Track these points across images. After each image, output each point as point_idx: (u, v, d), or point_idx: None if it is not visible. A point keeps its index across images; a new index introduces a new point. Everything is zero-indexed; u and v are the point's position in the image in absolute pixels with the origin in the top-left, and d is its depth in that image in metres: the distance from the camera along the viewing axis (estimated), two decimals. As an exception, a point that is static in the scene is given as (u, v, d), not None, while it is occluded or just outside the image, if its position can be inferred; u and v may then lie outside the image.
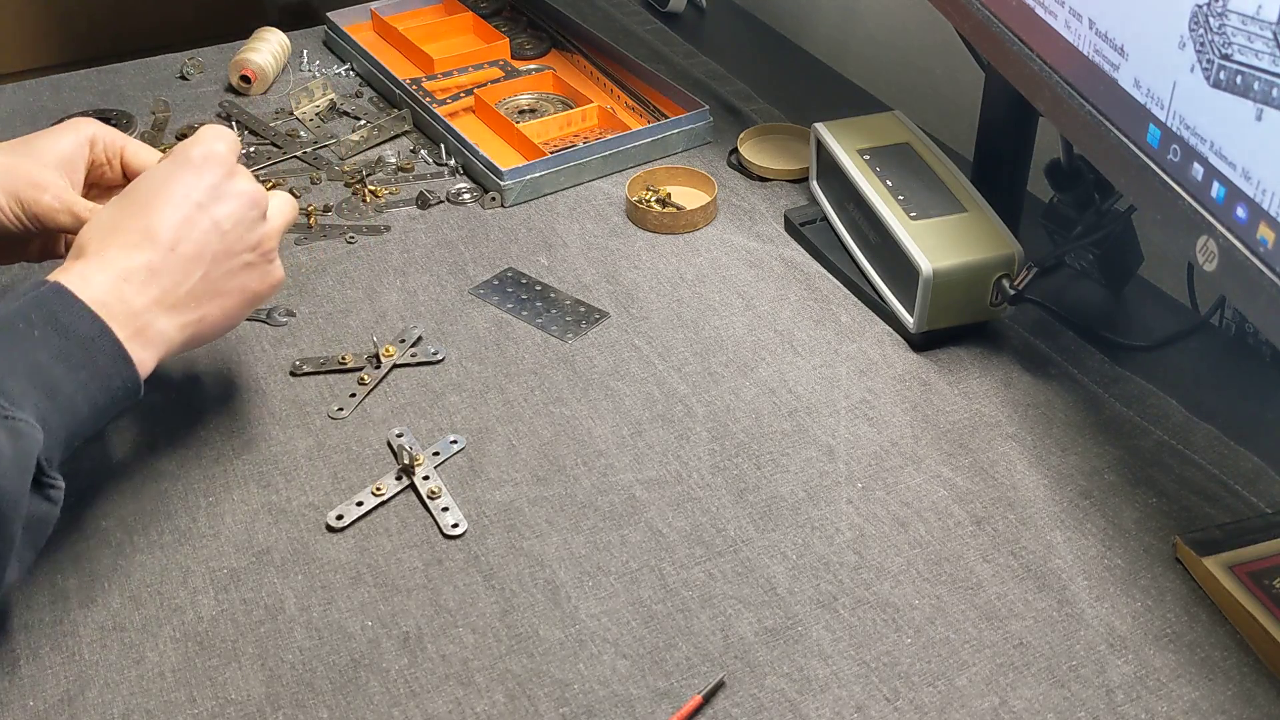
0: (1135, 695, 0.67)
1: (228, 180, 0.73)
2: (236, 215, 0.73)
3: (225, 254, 0.72)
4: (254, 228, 0.74)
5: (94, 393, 0.65)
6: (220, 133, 0.75)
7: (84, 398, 0.64)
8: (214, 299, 0.72)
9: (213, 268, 0.71)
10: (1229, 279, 0.63)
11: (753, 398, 0.87)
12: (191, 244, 0.70)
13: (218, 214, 0.72)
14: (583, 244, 1.03)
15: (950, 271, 0.88)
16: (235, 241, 0.72)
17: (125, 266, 0.68)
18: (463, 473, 0.81)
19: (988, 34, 0.86)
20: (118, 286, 0.67)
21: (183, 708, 0.67)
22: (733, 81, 1.27)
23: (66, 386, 0.63)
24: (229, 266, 0.72)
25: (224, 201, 0.72)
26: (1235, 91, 0.61)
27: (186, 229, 0.70)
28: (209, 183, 0.72)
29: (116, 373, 0.66)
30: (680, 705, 0.66)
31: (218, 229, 0.72)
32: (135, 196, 0.72)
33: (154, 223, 0.70)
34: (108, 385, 0.66)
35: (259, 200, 0.74)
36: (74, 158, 0.78)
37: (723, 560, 0.75)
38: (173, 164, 0.73)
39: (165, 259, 0.69)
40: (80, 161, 0.79)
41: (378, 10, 1.35)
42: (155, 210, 0.70)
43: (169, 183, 0.72)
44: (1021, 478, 0.80)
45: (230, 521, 0.77)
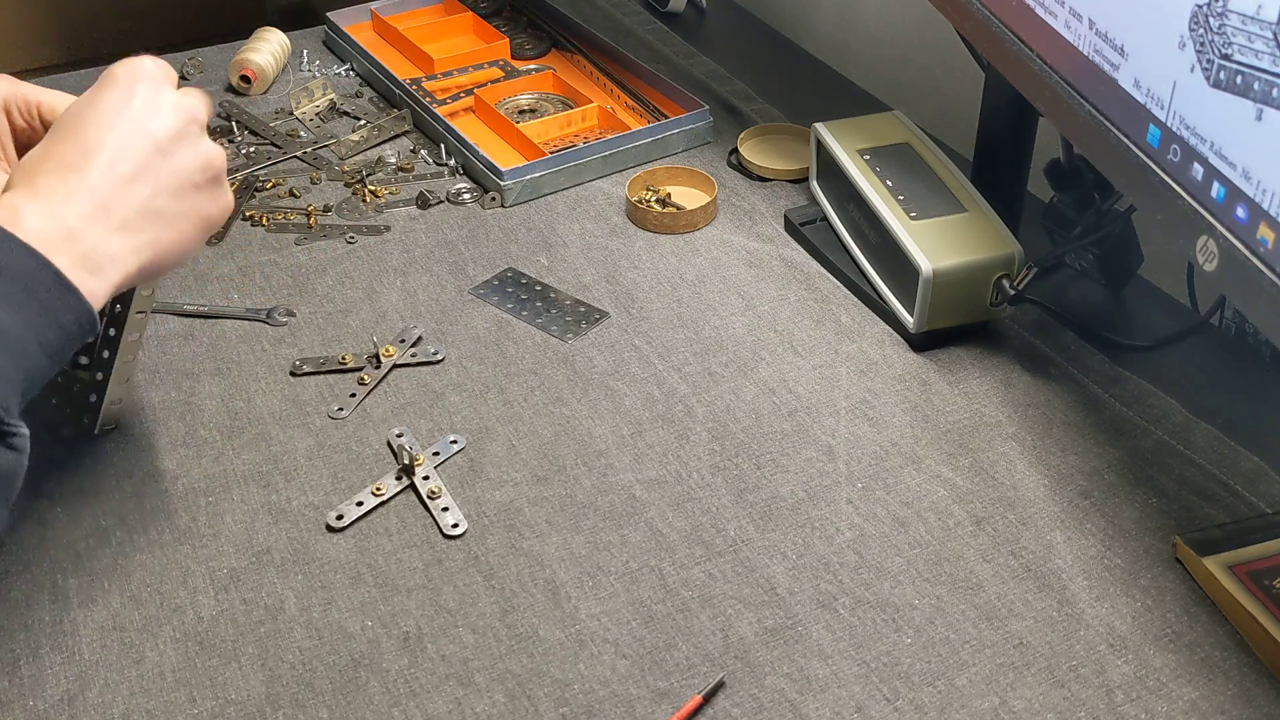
0: (1135, 695, 0.67)
1: (157, 93, 0.67)
2: (175, 129, 0.66)
3: (170, 172, 0.66)
4: (197, 144, 0.68)
5: (42, 330, 0.59)
6: (150, 58, 0.69)
7: (33, 337, 0.59)
8: (165, 221, 0.66)
9: (158, 186, 0.65)
10: (1229, 279, 0.63)
11: (753, 398, 0.87)
12: (129, 161, 0.64)
13: (154, 129, 0.66)
14: (583, 244, 1.03)
15: (950, 271, 0.88)
16: (180, 159, 0.66)
17: (60, 190, 0.62)
18: (463, 473, 0.81)
19: (988, 34, 0.86)
20: (53, 211, 0.61)
21: (183, 708, 0.67)
22: (733, 81, 1.27)
23: (12, 329, 0.58)
24: (176, 184, 0.66)
25: (159, 115, 0.66)
26: (1235, 91, 0.61)
27: (122, 145, 0.64)
28: (139, 99, 0.66)
29: (65, 306, 0.60)
30: (680, 705, 0.66)
31: (156, 145, 0.65)
32: (62, 124, 0.66)
33: (86, 142, 0.64)
34: (57, 321, 0.60)
35: (196, 114, 0.68)
36: None
37: (723, 560, 0.75)
38: (97, 86, 0.67)
39: (103, 176, 0.63)
40: (3, 134, 0.73)
41: (378, 10, 1.35)
42: (85, 130, 0.65)
43: (95, 103, 0.66)
44: (1021, 478, 0.80)
45: (230, 521, 0.77)
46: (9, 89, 0.74)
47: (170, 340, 0.92)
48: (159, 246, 0.66)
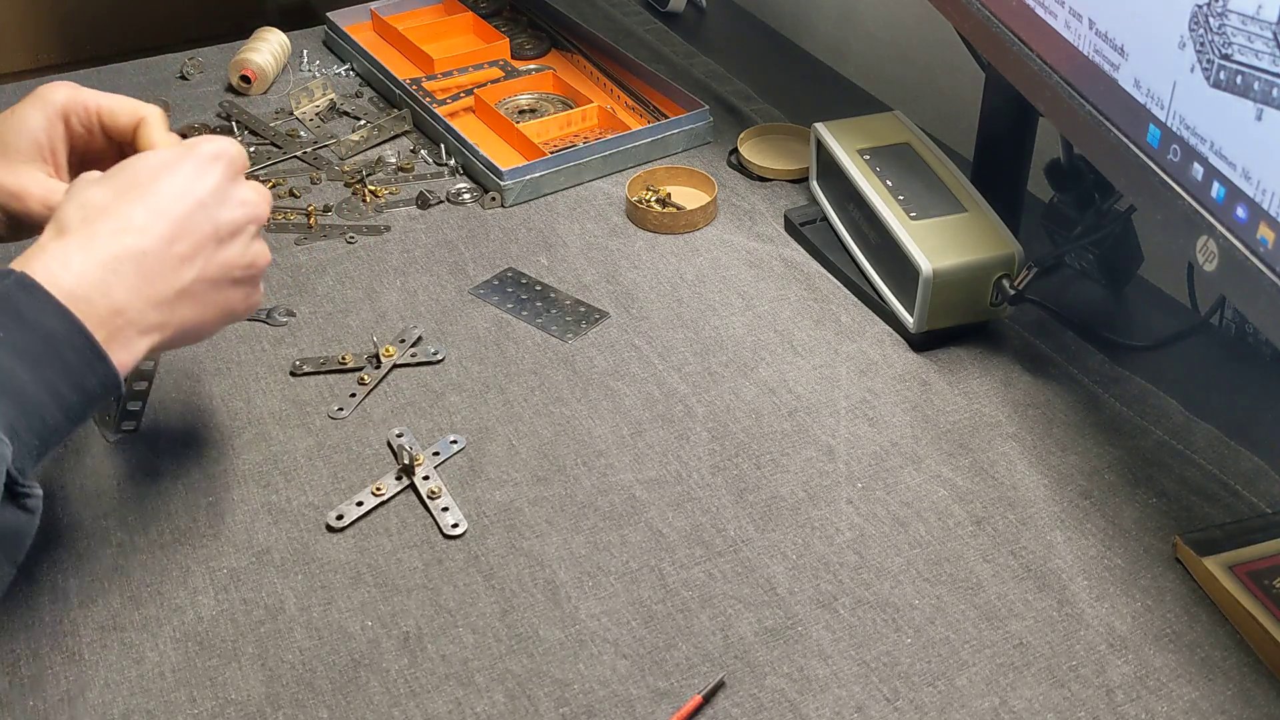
0: (1135, 695, 0.67)
1: (234, 185, 0.68)
2: (237, 224, 0.68)
3: (218, 263, 0.67)
4: (251, 243, 0.69)
5: (64, 393, 0.59)
6: (226, 139, 0.70)
7: (53, 400, 0.59)
8: (197, 306, 0.66)
9: (204, 272, 0.66)
10: (1229, 279, 0.63)
11: (753, 398, 0.87)
12: (188, 243, 0.65)
13: (220, 218, 0.67)
14: (583, 244, 1.03)
15: (950, 271, 0.88)
16: (232, 252, 0.67)
17: (113, 252, 0.62)
18: (463, 473, 0.81)
19: (988, 34, 0.86)
20: (101, 276, 0.61)
21: (183, 708, 0.67)
22: (733, 81, 1.27)
23: (33, 390, 0.58)
24: (220, 277, 0.67)
25: (228, 207, 0.67)
26: (1235, 91, 0.61)
27: (186, 225, 0.65)
28: (215, 183, 0.67)
29: (92, 371, 0.60)
30: (680, 705, 0.66)
31: (216, 234, 0.66)
32: (133, 176, 0.66)
33: (153, 210, 0.64)
34: (81, 384, 0.60)
35: (261, 215, 0.70)
36: (51, 140, 0.73)
37: (723, 560, 0.75)
38: (181, 153, 0.67)
39: (160, 251, 0.64)
40: (58, 141, 0.73)
41: (378, 10, 1.35)
42: (155, 197, 0.65)
43: (174, 171, 0.66)
44: (1021, 478, 0.80)
45: (230, 521, 0.77)
46: (69, 95, 0.74)
47: (170, 340, 0.92)
48: (183, 328, 0.66)
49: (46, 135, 0.73)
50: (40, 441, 0.59)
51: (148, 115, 0.75)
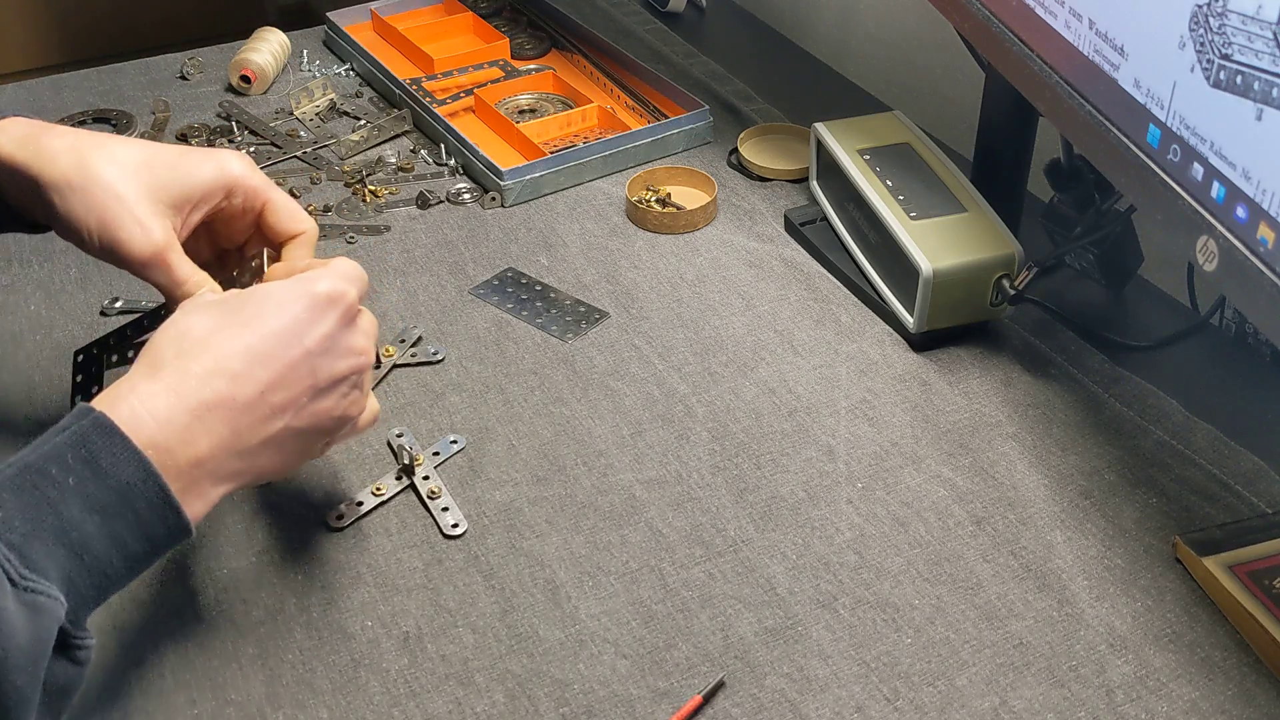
0: (1135, 695, 0.67)
1: (345, 333, 0.64)
2: (339, 376, 0.64)
3: (310, 414, 0.63)
4: (347, 393, 0.65)
5: (130, 544, 0.56)
6: (352, 273, 0.66)
7: (118, 552, 0.56)
8: (277, 454, 0.63)
9: (293, 423, 0.62)
10: (1229, 279, 0.63)
11: (753, 398, 0.87)
12: (284, 392, 0.61)
13: (322, 369, 0.62)
14: (583, 244, 1.03)
15: (950, 271, 0.88)
16: (325, 403, 0.63)
17: (203, 399, 0.58)
18: (463, 473, 0.81)
19: (988, 34, 0.86)
20: (187, 423, 0.58)
21: (183, 708, 0.67)
22: (733, 81, 1.27)
23: (98, 543, 0.55)
24: (308, 429, 0.63)
25: (334, 357, 0.63)
26: (1235, 91, 0.61)
27: (286, 375, 0.61)
28: (326, 331, 0.62)
29: (161, 522, 0.57)
30: (680, 705, 0.66)
31: (315, 386, 0.62)
32: (239, 310, 0.62)
33: (253, 355, 0.60)
34: (148, 534, 0.57)
35: (365, 365, 0.65)
36: (203, 201, 0.69)
37: (723, 560, 0.75)
38: (297, 292, 0.63)
39: (252, 401, 0.60)
40: (207, 206, 0.70)
41: (378, 10, 1.35)
42: (259, 340, 0.60)
43: (284, 311, 0.62)
44: (1021, 478, 0.80)
45: (230, 521, 0.77)
46: (245, 169, 0.70)
47: (170, 340, 0.92)
48: (258, 472, 0.63)
49: (202, 194, 0.69)
50: (98, 592, 0.56)
51: (308, 230, 0.72)
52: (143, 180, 0.67)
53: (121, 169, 0.67)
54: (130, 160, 0.68)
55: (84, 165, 0.66)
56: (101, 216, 0.66)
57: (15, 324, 0.93)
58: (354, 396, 0.66)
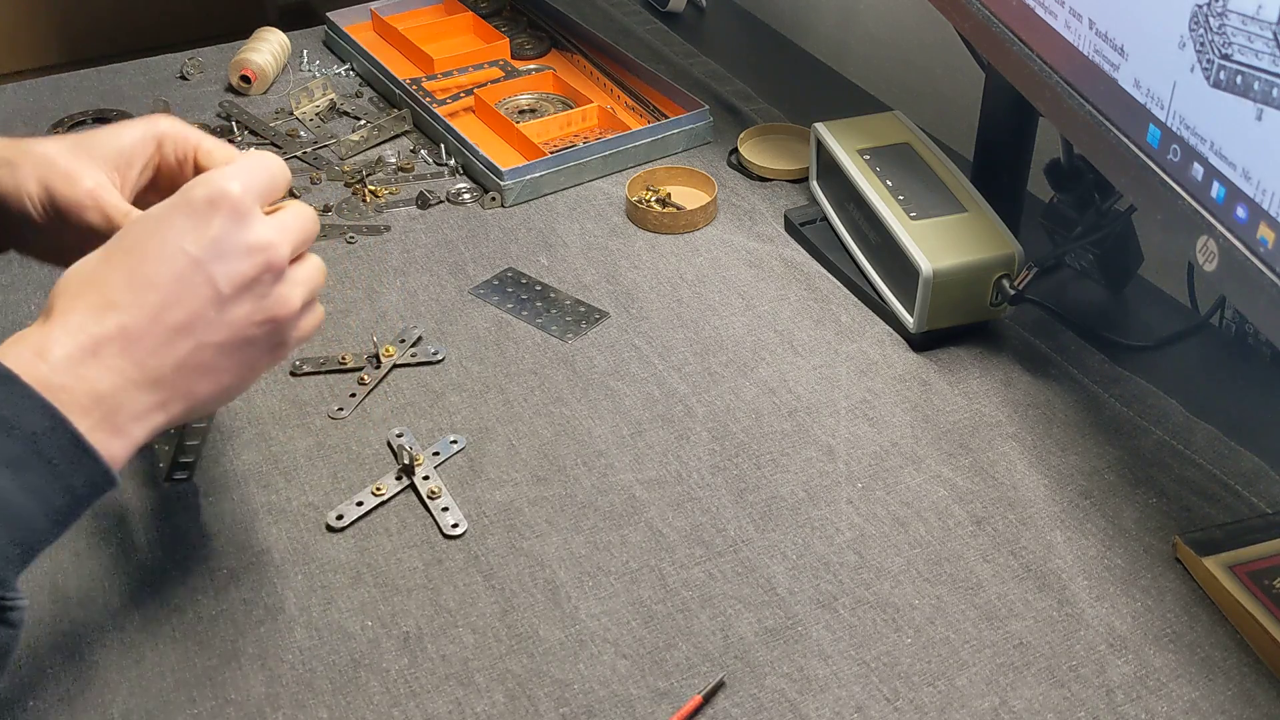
0: (1135, 695, 0.67)
1: (236, 230, 0.59)
2: (241, 278, 0.59)
3: (224, 325, 0.59)
4: (265, 295, 0.60)
5: (50, 496, 0.54)
6: (242, 169, 0.61)
7: (38, 504, 0.54)
8: (205, 375, 0.59)
9: (206, 339, 0.59)
10: (1229, 279, 0.63)
11: (753, 398, 0.87)
12: (181, 310, 0.58)
13: (217, 274, 0.58)
14: (583, 244, 1.03)
15: (950, 271, 0.88)
16: (237, 311, 0.59)
17: (94, 334, 0.56)
18: (463, 473, 0.81)
19: (988, 34, 0.86)
20: (81, 362, 0.55)
21: (183, 708, 0.67)
22: (733, 81, 1.27)
23: (15, 496, 0.53)
24: (226, 340, 0.59)
25: (228, 260, 0.59)
26: (1235, 91, 0.61)
27: (177, 290, 0.58)
28: (212, 234, 0.58)
29: (79, 469, 0.55)
30: (680, 705, 0.66)
31: (216, 294, 0.58)
32: (122, 242, 0.59)
33: (136, 279, 0.57)
34: (67, 485, 0.55)
35: (275, 260, 0.60)
36: (133, 155, 0.68)
37: (723, 560, 0.75)
38: (170, 205, 0.60)
39: (146, 327, 0.57)
40: (139, 160, 0.68)
41: (378, 10, 1.35)
42: (140, 263, 0.58)
43: (161, 229, 0.59)
44: (1021, 478, 0.80)
45: (230, 521, 0.77)
46: (172, 123, 0.70)
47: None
48: (193, 399, 0.60)
49: (131, 149, 0.68)
50: (23, 550, 0.54)
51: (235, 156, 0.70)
52: (75, 145, 0.68)
53: (56, 143, 0.67)
54: (64, 139, 0.69)
55: (18, 145, 0.67)
56: (40, 175, 0.65)
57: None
58: (277, 295, 0.61)
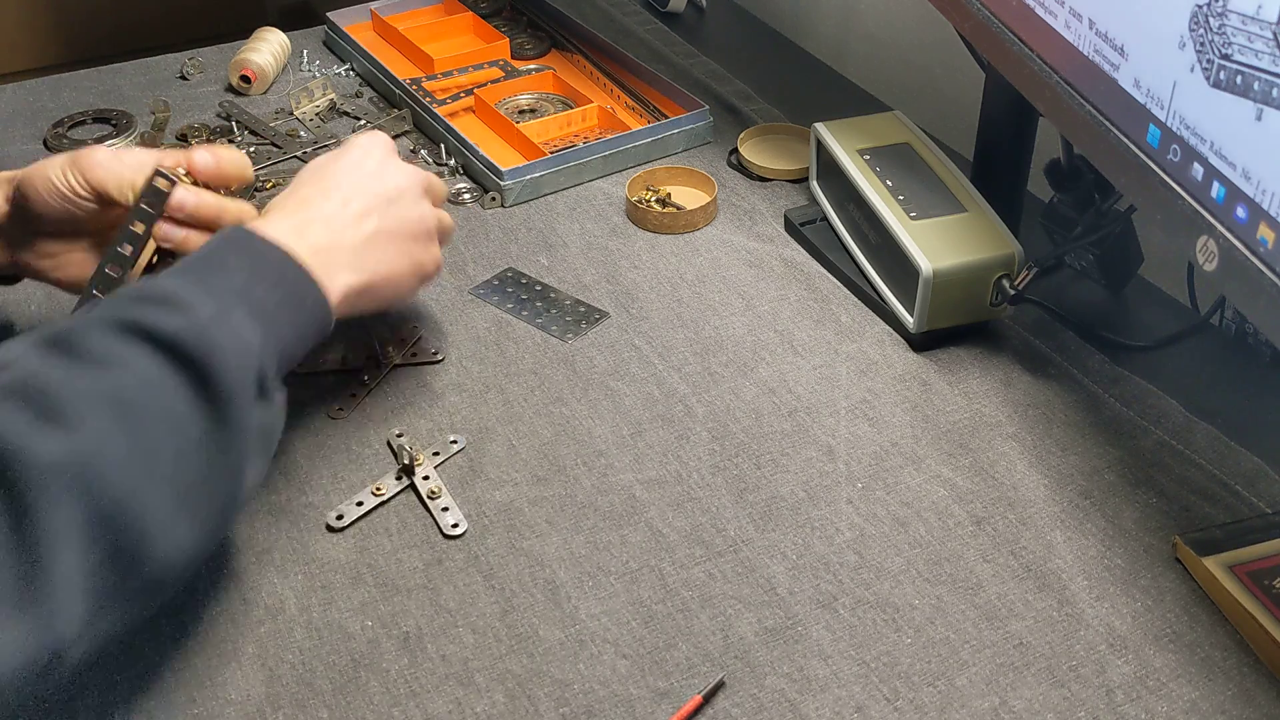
0: (1135, 695, 0.67)
1: (391, 159, 0.80)
2: (402, 186, 0.79)
3: (393, 218, 0.77)
4: (418, 203, 0.80)
5: (293, 311, 0.69)
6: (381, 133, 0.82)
7: (286, 315, 0.68)
8: (384, 256, 0.77)
9: (381, 225, 0.77)
10: (1229, 279, 0.63)
11: (753, 398, 0.87)
12: (360, 202, 0.76)
13: (386, 182, 0.78)
14: (583, 244, 1.03)
15: (950, 271, 0.88)
16: (402, 210, 0.78)
17: (301, 218, 0.73)
18: (463, 473, 0.81)
19: (988, 34, 0.86)
20: (296, 230, 0.72)
21: (183, 708, 0.67)
22: (733, 81, 1.27)
23: (269, 304, 0.67)
24: (396, 230, 0.78)
25: (390, 175, 0.79)
26: (1235, 91, 0.61)
27: (356, 189, 0.77)
28: (377, 158, 0.79)
29: (308, 293, 0.70)
30: (680, 705, 0.66)
31: (385, 195, 0.78)
32: (307, 172, 0.78)
33: (326, 184, 0.76)
34: (303, 303, 0.70)
35: (420, 181, 0.81)
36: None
37: (723, 560, 0.75)
38: (341, 147, 0.80)
39: (337, 211, 0.75)
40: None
41: (378, 10, 1.35)
42: (327, 176, 0.77)
43: (338, 157, 0.79)
44: (1021, 478, 0.80)
45: (230, 521, 0.77)
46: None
47: (170, 340, 0.92)
48: (377, 274, 0.76)
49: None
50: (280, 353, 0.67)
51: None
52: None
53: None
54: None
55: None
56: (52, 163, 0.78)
57: (16, 324, 0.93)
58: (421, 210, 0.80)
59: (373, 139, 0.81)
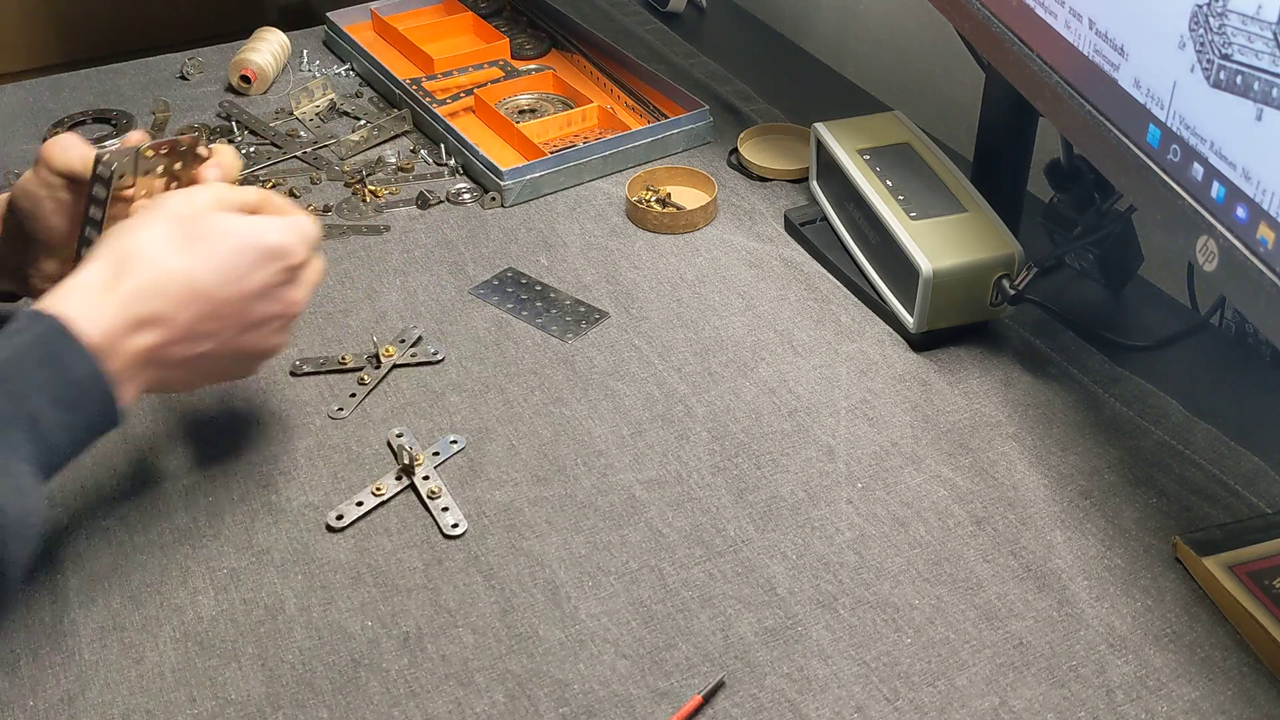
0: (1135, 695, 0.67)
1: (285, 287, 0.71)
2: (269, 315, 0.71)
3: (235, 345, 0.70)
4: (273, 336, 0.72)
5: (80, 434, 0.64)
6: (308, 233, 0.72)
7: (69, 439, 0.63)
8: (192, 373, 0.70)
9: (215, 351, 0.69)
10: (1229, 279, 0.63)
11: (753, 398, 0.87)
12: (214, 325, 0.68)
13: (254, 311, 0.70)
14: (583, 244, 1.03)
15: (950, 271, 0.88)
16: (250, 338, 0.71)
17: (140, 315, 0.65)
18: (463, 473, 0.81)
19: (988, 34, 0.86)
20: (122, 334, 0.65)
21: (183, 708, 0.67)
22: (733, 81, 1.27)
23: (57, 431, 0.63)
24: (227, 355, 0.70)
25: (268, 302, 0.70)
26: (1235, 91, 0.61)
27: (220, 310, 0.68)
28: (267, 280, 0.70)
29: (104, 413, 0.65)
30: (680, 705, 0.66)
31: (245, 323, 0.70)
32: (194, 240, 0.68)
33: (195, 283, 0.67)
34: (95, 427, 0.65)
35: (294, 313, 0.72)
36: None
37: (723, 560, 0.75)
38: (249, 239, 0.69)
39: (182, 325, 0.67)
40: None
41: (378, 10, 1.35)
42: (203, 273, 0.67)
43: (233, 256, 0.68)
44: (1021, 478, 0.80)
45: (230, 521, 0.77)
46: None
47: (170, 340, 0.92)
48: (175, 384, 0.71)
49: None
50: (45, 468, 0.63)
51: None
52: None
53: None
54: None
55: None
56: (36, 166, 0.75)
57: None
58: (279, 339, 0.73)
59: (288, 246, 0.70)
